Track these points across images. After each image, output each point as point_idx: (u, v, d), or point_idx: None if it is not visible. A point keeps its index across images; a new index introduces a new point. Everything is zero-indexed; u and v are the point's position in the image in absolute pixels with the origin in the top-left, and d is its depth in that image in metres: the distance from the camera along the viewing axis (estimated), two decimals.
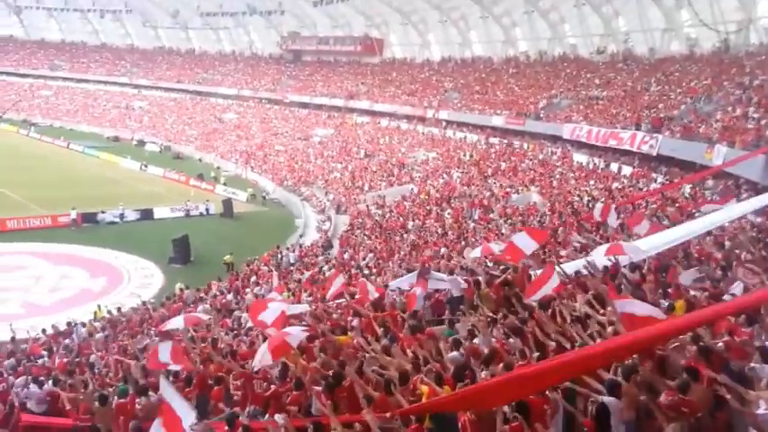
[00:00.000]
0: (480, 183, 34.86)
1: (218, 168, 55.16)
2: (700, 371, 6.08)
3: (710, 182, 23.52)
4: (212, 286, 21.86)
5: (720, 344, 6.96)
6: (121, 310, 19.68)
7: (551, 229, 19.56)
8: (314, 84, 70.24)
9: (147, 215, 38.61)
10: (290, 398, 8.14)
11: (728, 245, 12.84)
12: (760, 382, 6.00)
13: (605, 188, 28.00)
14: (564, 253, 15.29)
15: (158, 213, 39.13)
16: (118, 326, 17.73)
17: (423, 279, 12.26)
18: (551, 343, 7.59)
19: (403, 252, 23.44)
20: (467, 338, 9.03)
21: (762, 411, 5.40)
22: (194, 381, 9.68)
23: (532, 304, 9.50)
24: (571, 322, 8.47)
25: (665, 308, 8.70)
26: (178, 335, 12.49)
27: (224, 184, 48.15)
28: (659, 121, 32.32)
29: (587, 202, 24.84)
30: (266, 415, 7.93)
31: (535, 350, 7.64)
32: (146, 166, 54.58)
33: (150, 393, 9.23)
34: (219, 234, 34.80)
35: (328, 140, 57.12)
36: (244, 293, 19.51)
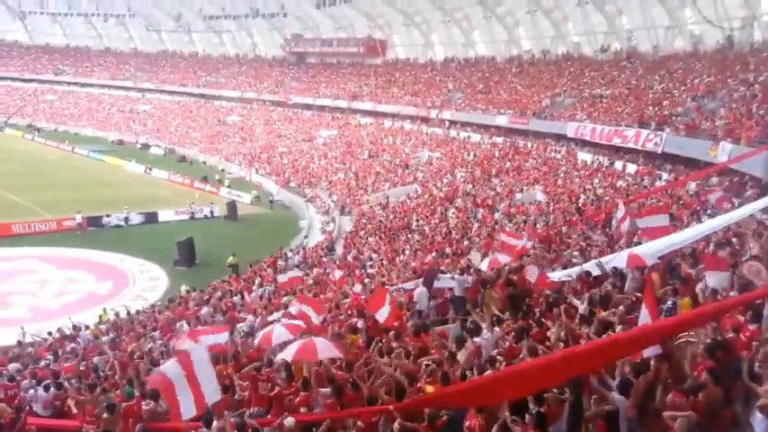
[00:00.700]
0: (484, 182, 34.81)
1: (222, 171, 55.27)
2: (719, 374, 5.98)
3: (715, 179, 23.39)
4: (217, 288, 21.92)
5: (726, 340, 6.94)
6: (129, 313, 19.75)
7: (555, 228, 19.52)
8: (317, 85, 70.33)
9: (152, 218, 38.71)
10: (298, 399, 8.16)
11: (735, 241, 12.75)
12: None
13: (610, 186, 27.92)
14: (567, 252, 15.25)
15: (163, 216, 39.21)
16: (123, 329, 17.74)
17: (428, 280, 12.24)
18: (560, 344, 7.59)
19: (408, 252, 23.42)
20: (471, 337, 9.03)
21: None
22: None
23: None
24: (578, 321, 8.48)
25: (671, 306, 8.68)
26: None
27: (228, 187, 48.23)
28: (665, 119, 32.20)
29: (592, 201, 24.75)
30: (269, 416, 7.96)
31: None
32: (150, 170, 54.77)
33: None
34: (224, 236, 34.81)
35: (332, 142, 57.16)
36: (249, 294, 19.54)
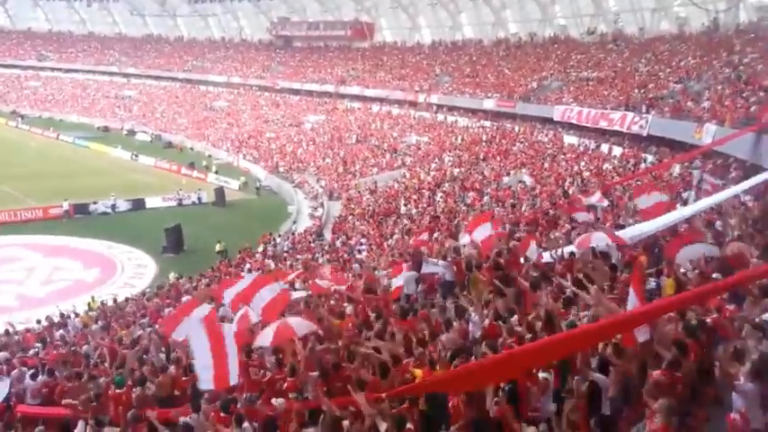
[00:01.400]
0: (471, 166, 34.87)
1: (209, 157, 54.92)
2: (687, 345, 6.16)
3: (699, 161, 23.59)
4: (206, 275, 21.90)
5: (709, 321, 7.07)
6: (116, 301, 19.72)
7: (543, 211, 19.67)
8: (304, 70, 69.82)
9: (139, 205, 38.52)
10: (287, 384, 8.26)
11: (719, 223, 12.92)
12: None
13: (596, 169, 28.07)
14: (556, 234, 15.39)
15: (150, 203, 39.03)
16: (112, 316, 17.75)
17: (415, 263, 12.32)
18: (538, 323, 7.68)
19: (396, 237, 23.49)
20: (456, 319, 9.13)
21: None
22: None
23: (524, 284, 9.61)
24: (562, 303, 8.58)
25: (654, 287, 8.81)
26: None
27: (216, 173, 47.99)
28: (651, 102, 32.32)
29: (578, 184, 24.89)
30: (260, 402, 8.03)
31: (527, 332, 7.73)
32: (136, 156, 54.33)
33: (147, 384, 9.32)
34: (212, 223, 34.74)
35: (320, 127, 56.92)
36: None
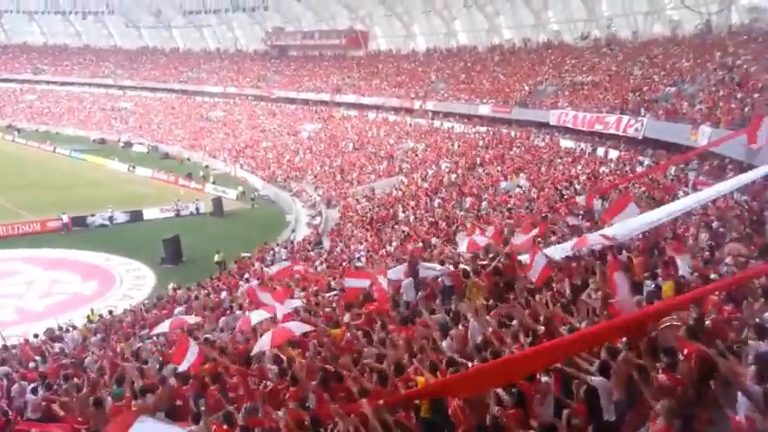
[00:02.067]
0: (468, 172, 34.91)
1: (206, 167, 54.91)
2: (679, 349, 6.15)
3: (695, 163, 23.68)
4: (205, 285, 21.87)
5: (708, 322, 7.07)
6: (111, 313, 19.69)
7: (540, 215, 19.68)
8: (300, 79, 69.95)
9: (137, 217, 38.49)
10: (289, 394, 8.21)
11: (716, 224, 12.95)
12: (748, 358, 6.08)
13: (593, 173, 28.11)
14: (554, 239, 15.40)
15: (148, 214, 39.00)
16: (111, 329, 17.70)
17: (411, 269, 12.29)
18: (540, 328, 7.68)
19: (394, 243, 23.48)
20: (455, 325, 9.11)
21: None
22: (191, 380, 9.70)
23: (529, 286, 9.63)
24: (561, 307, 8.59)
25: (653, 290, 8.81)
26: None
27: (213, 183, 47.99)
28: (646, 105, 32.45)
29: (575, 190, 24.90)
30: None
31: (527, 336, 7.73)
32: (133, 168, 54.32)
33: (147, 395, 9.27)
34: (211, 233, 34.72)
35: (316, 135, 56.98)
36: (236, 290, 19.51)
